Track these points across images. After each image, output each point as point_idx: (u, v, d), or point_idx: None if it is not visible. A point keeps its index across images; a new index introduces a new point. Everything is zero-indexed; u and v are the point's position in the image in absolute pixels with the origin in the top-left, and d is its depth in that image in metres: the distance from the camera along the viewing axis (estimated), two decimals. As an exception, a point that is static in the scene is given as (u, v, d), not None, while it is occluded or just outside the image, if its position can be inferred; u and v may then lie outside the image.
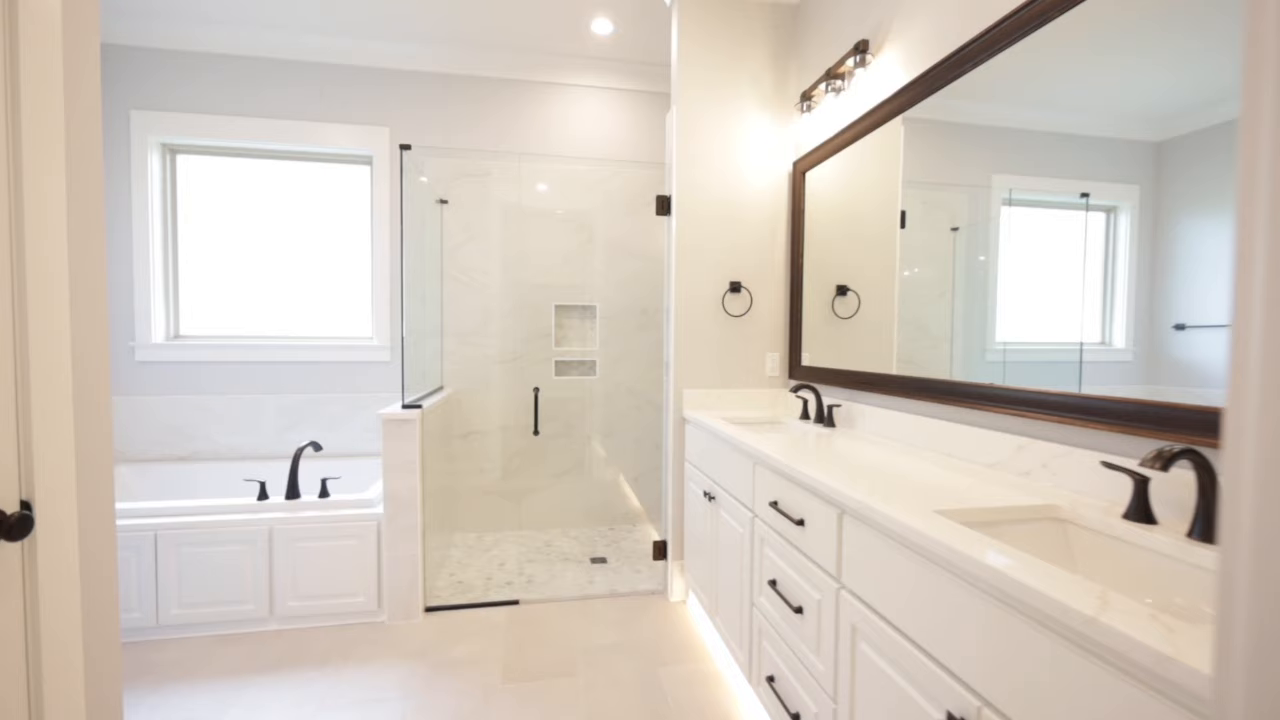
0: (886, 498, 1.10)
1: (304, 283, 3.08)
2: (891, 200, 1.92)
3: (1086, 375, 1.21)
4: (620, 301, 3.30)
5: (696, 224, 2.41)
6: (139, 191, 2.80)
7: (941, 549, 0.88)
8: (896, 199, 1.90)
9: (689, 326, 2.42)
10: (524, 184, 3.20)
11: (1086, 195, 1.26)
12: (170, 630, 2.10)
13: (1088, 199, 1.25)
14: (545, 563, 2.84)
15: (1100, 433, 1.15)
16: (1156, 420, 1.05)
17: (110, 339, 2.78)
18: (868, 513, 1.07)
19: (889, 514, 1.01)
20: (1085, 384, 1.21)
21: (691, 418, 2.30)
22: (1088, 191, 1.25)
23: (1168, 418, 1.03)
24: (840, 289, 2.26)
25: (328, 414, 3.01)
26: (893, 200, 1.91)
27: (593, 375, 3.30)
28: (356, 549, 2.19)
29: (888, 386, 1.85)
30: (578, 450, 3.31)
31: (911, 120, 1.80)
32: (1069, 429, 1.22)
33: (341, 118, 2.96)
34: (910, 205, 1.85)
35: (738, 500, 1.78)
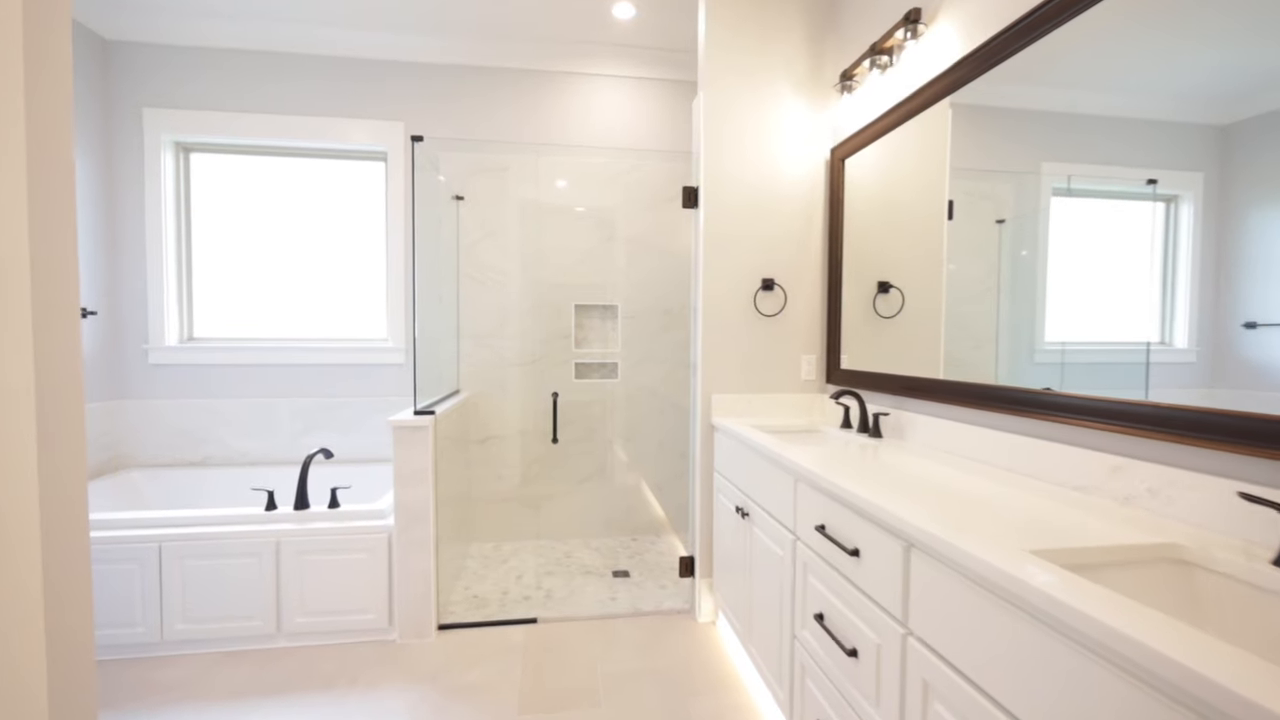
0: (962, 529, 0.92)
1: (318, 284, 2.99)
2: (937, 189, 1.75)
3: (1136, 377, 1.13)
4: (642, 301, 3.15)
5: (726, 217, 2.24)
6: (152, 191, 2.74)
7: (1046, 602, 0.70)
8: (943, 188, 1.73)
9: (718, 327, 2.25)
10: (542, 179, 3.07)
11: (1154, 182, 1.13)
12: (174, 646, 2.01)
13: (1155, 185, 1.13)
14: (565, 575, 2.70)
15: (1223, 455, 0.96)
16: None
17: (107, 344, 2.73)
18: (943, 549, 0.90)
19: (972, 553, 0.84)
20: (1147, 388, 1.11)
21: (721, 425, 2.13)
22: (1155, 178, 1.13)
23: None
24: (882, 286, 2.08)
25: (342, 418, 2.92)
26: (938, 189, 1.75)
27: (614, 378, 3.15)
28: (367, 563, 2.08)
29: (940, 393, 1.66)
30: (599, 456, 3.17)
31: (957, 105, 1.65)
32: (1179, 449, 1.02)
33: (355, 112, 2.87)
34: (954, 196, 1.69)
35: (776, 520, 1.61)
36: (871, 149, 2.07)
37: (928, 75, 1.72)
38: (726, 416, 2.22)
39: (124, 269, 2.75)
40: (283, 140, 2.84)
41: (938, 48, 1.68)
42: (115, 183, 2.73)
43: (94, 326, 2.64)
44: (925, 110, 1.77)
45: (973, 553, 0.84)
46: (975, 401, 1.52)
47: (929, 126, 1.77)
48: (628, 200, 3.12)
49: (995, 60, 1.47)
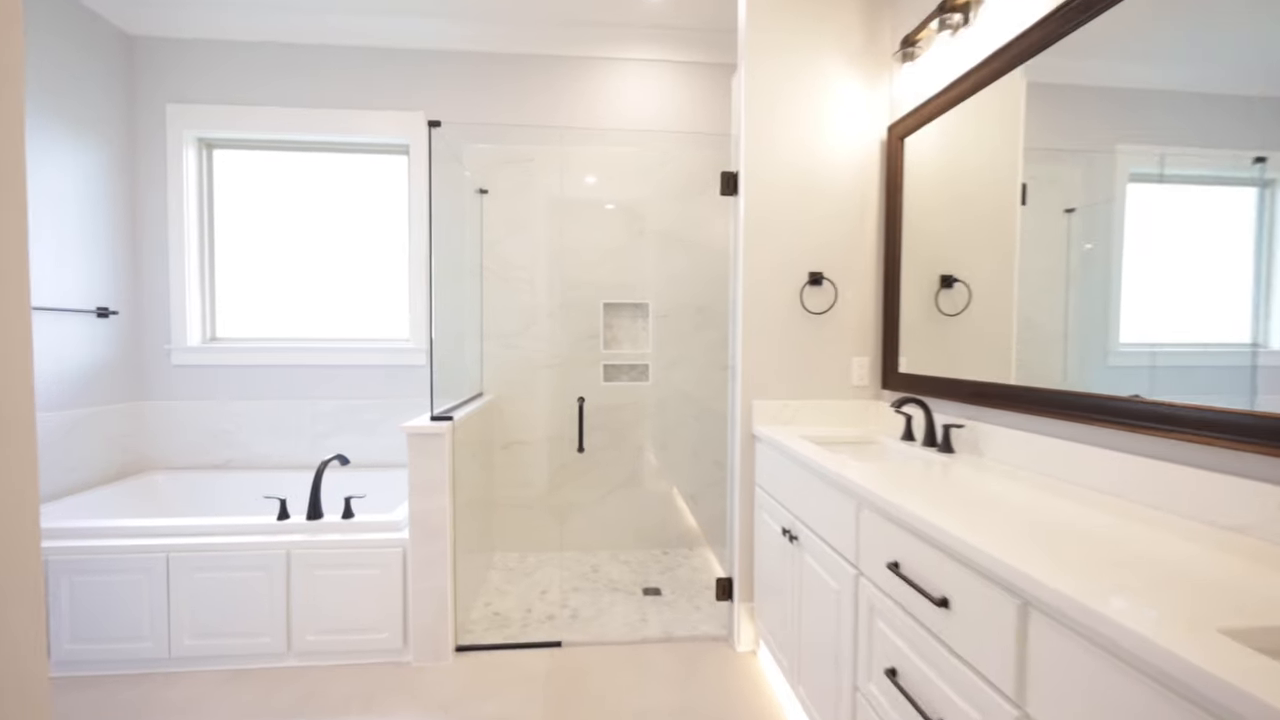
0: (1102, 587, 0.70)
1: (341, 282, 2.90)
2: (1008, 171, 1.54)
3: (1239, 383, 0.99)
4: (675, 299, 2.95)
5: (768, 204, 2.02)
6: (175, 189, 2.69)
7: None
8: (1015, 169, 1.52)
9: (759, 326, 2.04)
10: (570, 171, 2.91)
11: (1263, 160, 0.98)
12: (182, 663, 1.92)
13: (1263, 164, 0.98)
14: (592, 592, 2.53)
15: None
16: None
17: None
18: (1084, 617, 0.67)
19: (1137, 631, 0.61)
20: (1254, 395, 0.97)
21: (763, 434, 1.92)
22: (1264, 156, 0.98)
23: None
24: (945, 279, 1.84)
25: (363, 420, 2.81)
26: (1010, 171, 1.54)
27: (645, 381, 2.96)
28: (380, 579, 1.94)
29: (1019, 401, 1.42)
30: (628, 464, 2.99)
31: (1032, 79, 1.46)
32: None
33: (377, 104, 2.76)
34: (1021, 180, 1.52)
35: (833, 549, 1.39)
36: (935, 126, 1.83)
37: (1004, 37, 1.48)
38: (769, 425, 2.00)
39: (147, 268, 2.70)
40: (305, 134, 2.76)
41: (1017, 3, 1.44)
42: (139, 181, 2.68)
43: (116, 327, 2.59)
44: (998, 80, 1.55)
45: (1138, 631, 0.61)
46: (1065, 413, 1.28)
47: (1001, 99, 1.56)
48: (659, 192, 2.93)
49: (1080, 20, 1.27)
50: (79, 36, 2.42)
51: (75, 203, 2.40)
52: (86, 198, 2.45)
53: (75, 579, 1.86)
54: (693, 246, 2.94)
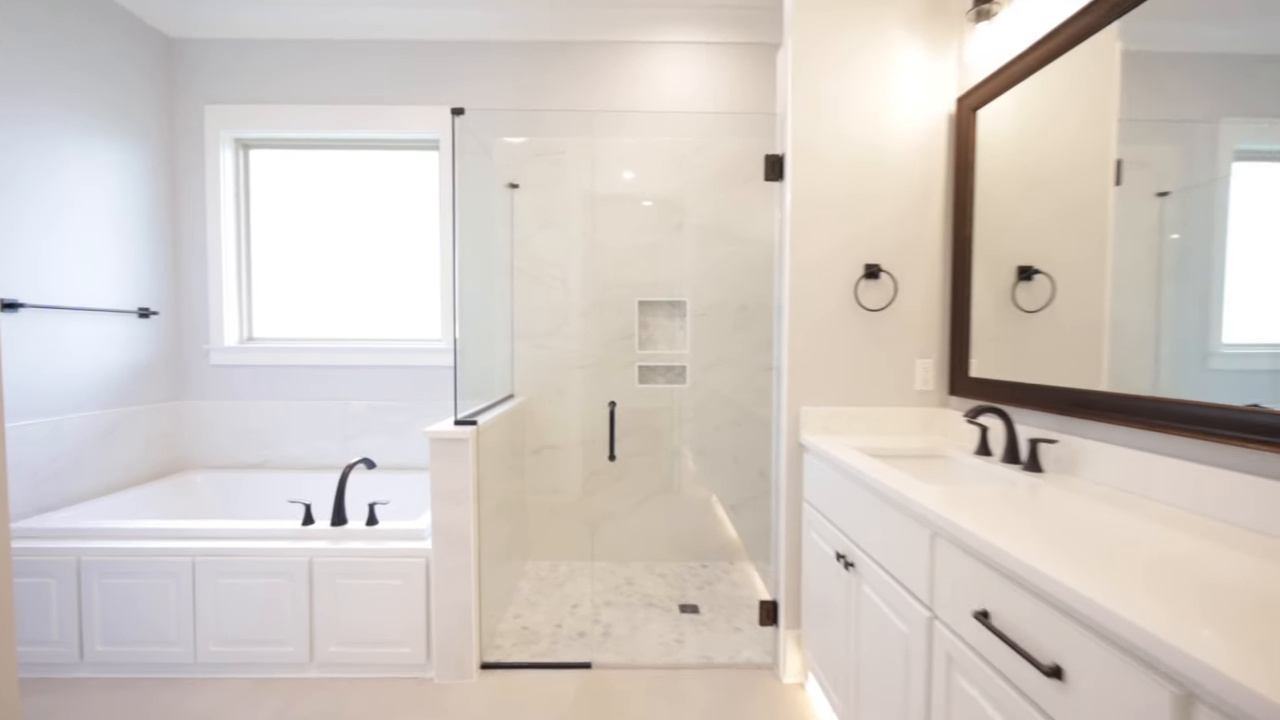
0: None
1: (374, 281, 2.86)
2: (1100, 145, 1.33)
3: None
4: (714, 296, 2.77)
5: (818, 189, 1.83)
6: (212, 189, 2.70)
7: None
8: (1108, 143, 1.31)
9: (808, 324, 1.85)
10: (602, 162, 2.77)
11: None
12: (208, 669, 1.88)
13: None
14: (625, 607, 2.38)
15: None
16: None
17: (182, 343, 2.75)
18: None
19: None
20: None
21: (812, 445, 1.73)
22: None
23: None
24: (1023, 271, 1.62)
25: (394, 422, 2.76)
26: (1102, 145, 1.32)
27: (682, 383, 2.80)
28: (402, 590, 1.86)
29: (1123, 412, 1.19)
30: (664, 471, 2.83)
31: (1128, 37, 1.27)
32: None
33: (407, 99, 2.70)
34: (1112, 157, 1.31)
35: (900, 584, 1.19)
36: (1013, 95, 1.61)
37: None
38: (819, 434, 1.81)
39: (187, 269, 2.73)
40: (338, 132, 2.73)
41: (1136, -69, 1.20)
42: (179, 182, 2.71)
43: (157, 327, 2.62)
44: (1091, 36, 1.33)
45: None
46: (1183, 427, 1.06)
47: (1093, 60, 1.34)
48: (697, 182, 2.76)
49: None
50: (122, 41, 2.45)
51: (118, 205, 2.43)
52: (128, 200, 2.48)
53: (106, 581, 1.85)
54: (733, 240, 2.76)
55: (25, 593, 1.85)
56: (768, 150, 1.96)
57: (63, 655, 1.86)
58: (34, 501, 2.09)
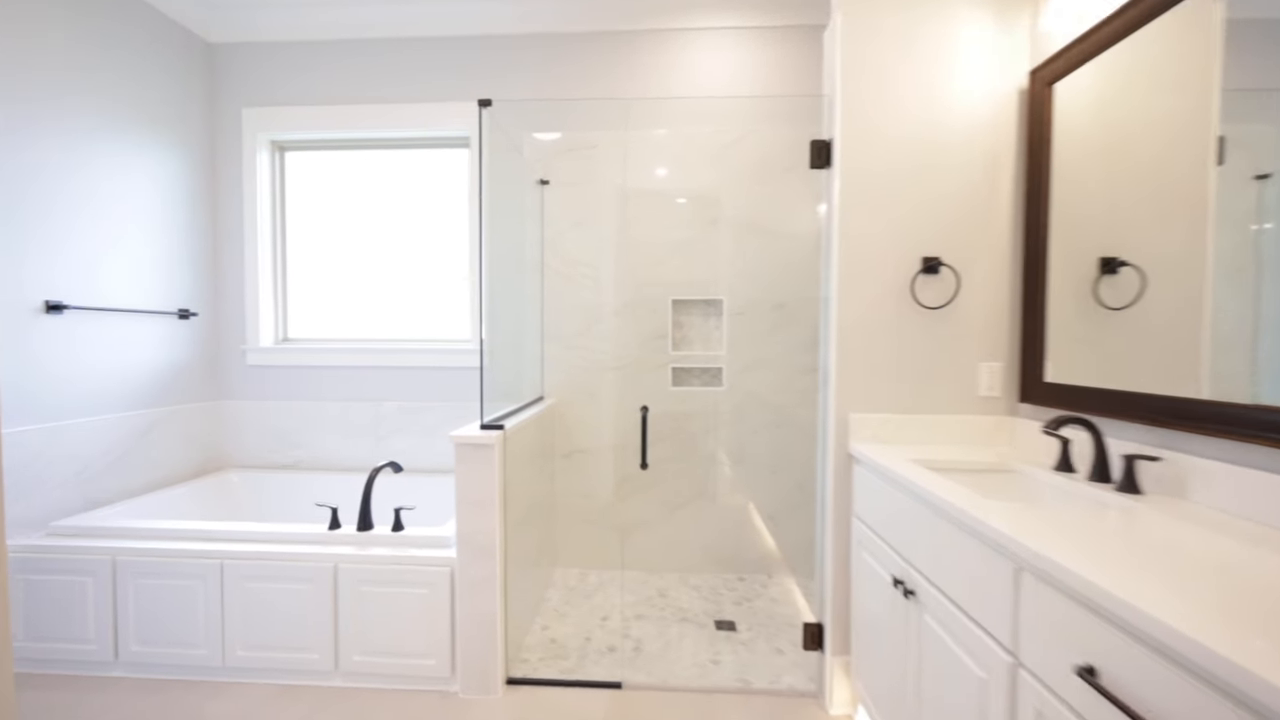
0: None
1: (406, 281, 2.84)
2: (1200, 121, 1.16)
3: None
4: (751, 294, 2.63)
5: (870, 176, 1.67)
6: (249, 191, 2.73)
7: None
8: (1208, 117, 1.14)
9: (858, 323, 1.69)
10: (635, 156, 2.67)
11: None
12: (234, 673, 1.86)
13: None
14: (658, 621, 2.27)
15: None
16: None
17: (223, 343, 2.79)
18: None
19: None
20: None
21: (862, 455, 1.58)
22: None
23: None
24: (1107, 264, 1.44)
25: (423, 423, 2.73)
26: (1202, 121, 1.15)
27: (717, 385, 2.67)
28: (427, 600, 1.79)
29: (1241, 425, 1.01)
30: (698, 478, 2.70)
31: None
32: None
33: (437, 96, 2.66)
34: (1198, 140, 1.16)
35: (974, 622, 1.04)
36: (1096, 65, 1.43)
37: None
38: (870, 443, 1.65)
39: (225, 270, 2.76)
40: (369, 131, 2.71)
41: None
42: (218, 185, 2.74)
43: (196, 328, 2.66)
44: None
45: None
46: None
47: (1189, 27, 1.18)
48: (734, 175, 2.62)
49: None
50: (165, 48, 2.49)
51: (160, 208, 2.47)
52: (170, 203, 2.52)
53: (139, 581, 1.85)
54: (772, 235, 2.61)
55: (63, 590, 1.87)
56: (812, 137, 1.81)
57: (98, 654, 1.87)
58: (79, 499, 2.13)
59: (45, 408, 2.02)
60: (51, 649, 1.88)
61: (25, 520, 1.95)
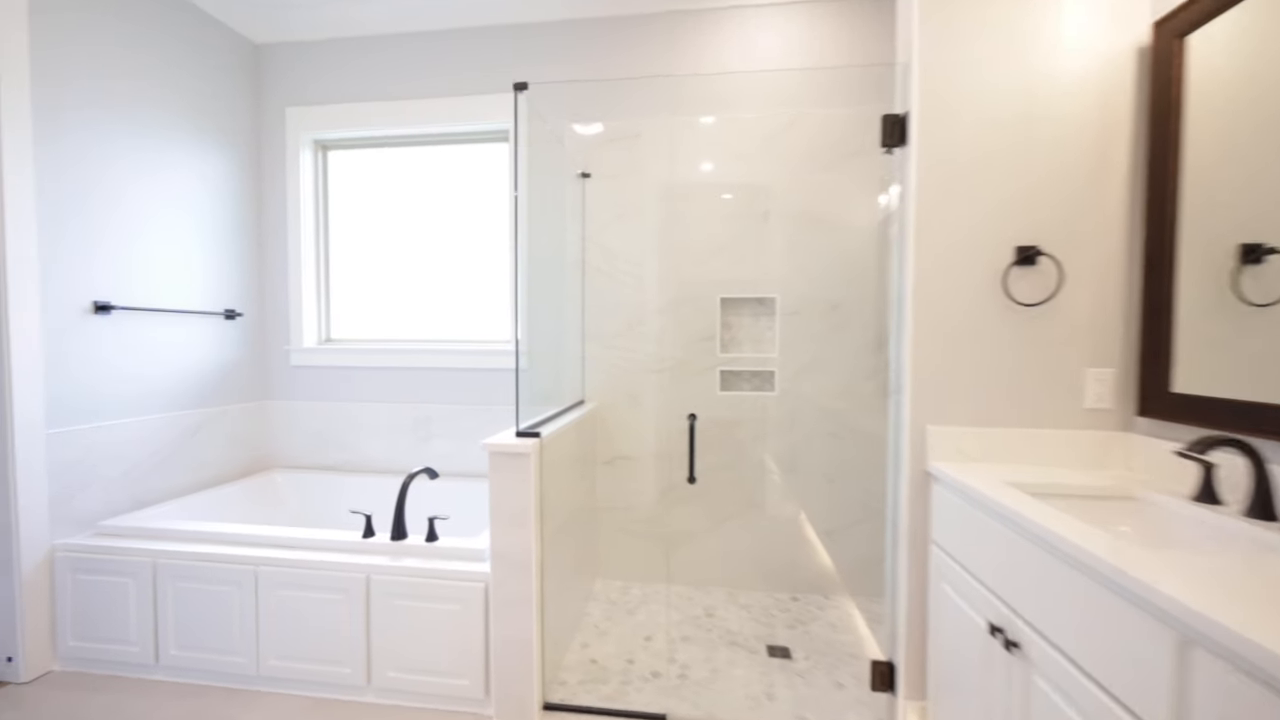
0: None
1: (444, 281, 2.78)
2: None
3: None
4: (806, 291, 2.43)
5: (954, 153, 1.46)
6: (293, 192, 2.73)
7: None
8: None
9: (937, 323, 1.48)
10: (682, 144, 2.51)
11: None
12: (269, 682, 1.82)
13: None
14: (705, 644, 2.11)
15: None
16: None
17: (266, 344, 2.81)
18: None
19: None
20: None
21: (944, 475, 1.37)
22: None
23: None
24: (1249, 251, 1.19)
25: (462, 426, 2.66)
26: None
27: (769, 390, 2.48)
28: (460, 617, 1.69)
29: None
30: (748, 489, 2.52)
31: None
32: None
33: (477, 88, 2.58)
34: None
35: (1110, 695, 0.83)
36: (1242, 10, 1.18)
37: None
38: (953, 461, 1.44)
39: (270, 271, 2.77)
40: (409, 127, 2.66)
41: None
42: (263, 186, 2.76)
43: (242, 328, 2.67)
44: None
45: None
46: None
47: None
48: (788, 163, 2.43)
49: None
50: (214, 50, 2.51)
51: (207, 209, 2.49)
52: (217, 204, 2.54)
53: (178, 585, 1.83)
54: (830, 227, 2.40)
55: (108, 591, 1.87)
56: (882, 113, 1.61)
57: (139, 656, 1.87)
58: (127, 498, 2.15)
59: (94, 407, 2.04)
60: (98, 649, 1.89)
61: (75, 519, 1.97)
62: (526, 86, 1.72)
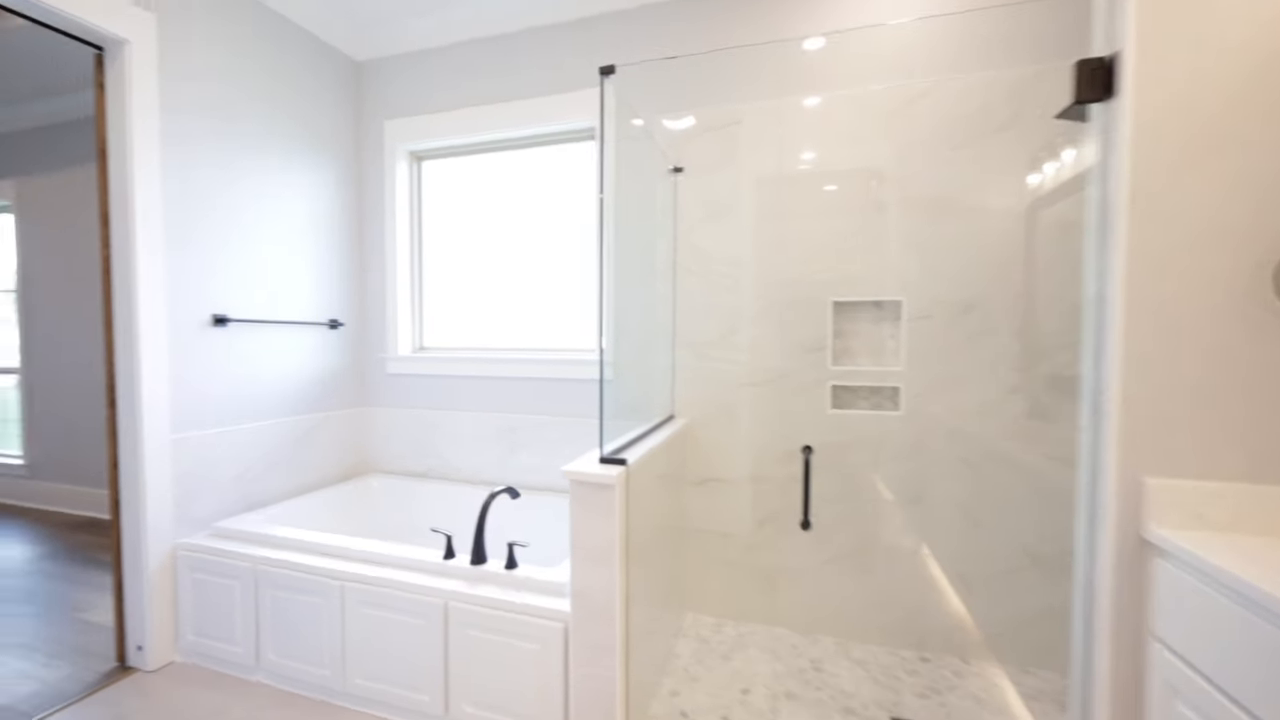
0: None
1: (534, 288, 2.69)
2: None
3: None
4: (937, 292, 2.03)
5: (1196, 102, 1.06)
6: (390, 203, 2.77)
7: None
8: None
9: (1166, 337, 1.09)
10: (789, 127, 2.21)
11: None
12: (354, 700, 1.78)
13: None
14: (814, 704, 1.80)
15: None
16: None
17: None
18: None
19: None
20: None
21: (1177, 549, 0.99)
22: None
23: None
24: None
25: (548, 439, 2.55)
26: None
27: (893, 409, 2.11)
28: (539, 657, 1.54)
29: None
30: (863, 522, 2.16)
31: None
32: None
33: (563, 86, 2.46)
34: None
35: None
36: None
37: None
38: (1188, 529, 1.04)
39: (369, 281, 2.84)
40: (499, 132, 2.60)
41: None
42: (364, 199, 2.83)
43: (344, 337, 2.75)
44: None
45: None
46: None
47: None
48: (915, 142, 2.04)
49: None
50: (319, 70, 2.60)
51: (315, 223, 2.58)
52: (323, 218, 2.63)
53: (275, 593, 1.86)
54: (965, 216, 1.99)
55: (217, 591, 1.94)
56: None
57: (242, 657, 1.92)
58: (240, 500, 2.25)
59: (211, 414, 2.15)
60: (210, 646, 1.97)
61: (194, 519, 2.08)
62: (614, 70, 1.52)
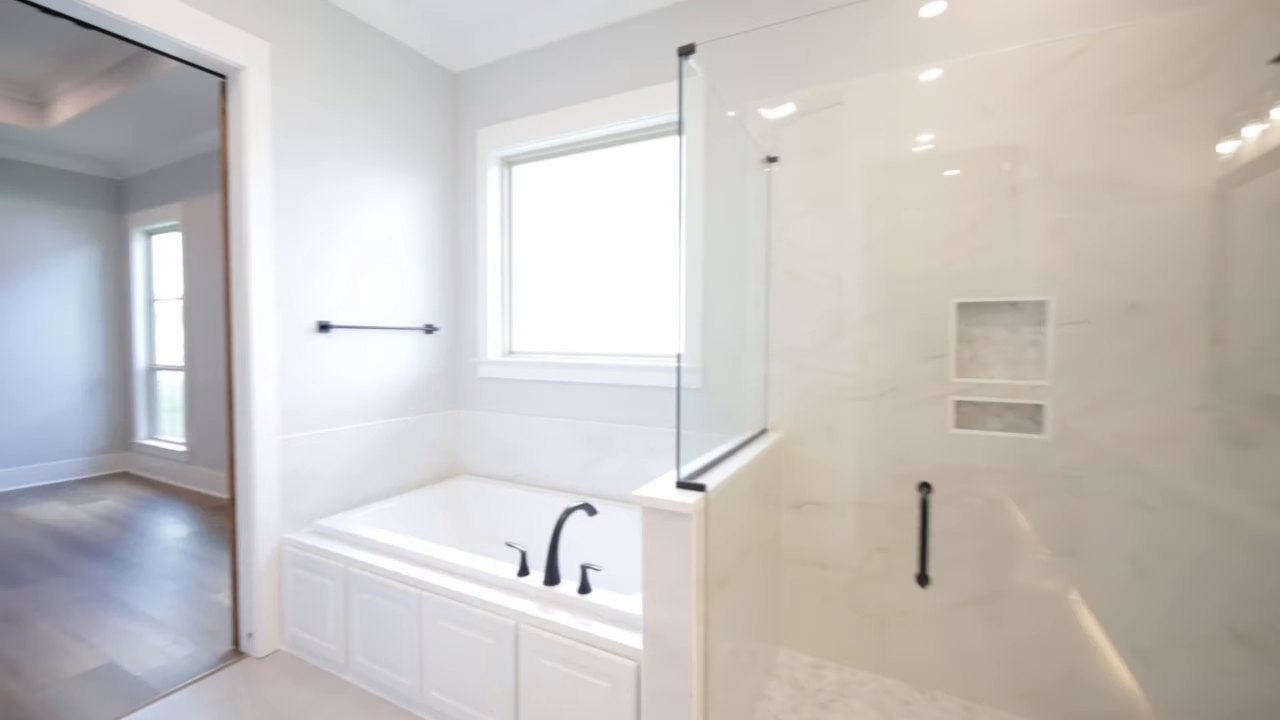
0: None
1: (619, 291, 2.60)
2: None
3: None
4: (1095, 291, 1.65)
5: None
6: (482, 209, 2.82)
7: None
8: None
9: None
10: (900, 102, 1.93)
11: None
12: (431, 712, 1.77)
13: None
14: (930, 783, 1.52)
15: None
16: None
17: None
18: None
19: None
20: None
21: None
22: None
23: None
24: None
25: (631, 448, 2.44)
26: None
27: (1035, 432, 1.75)
28: (610, 696, 1.42)
29: None
30: (996, 566, 1.82)
31: None
32: None
33: (648, 79, 2.35)
34: None
35: None
36: None
37: None
38: None
39: (462, 286, 2.91)
40: (585, 132, 2.54)
41: None
42: (459, 205, 2.90)
43: (439, 342, 2.84)
44: None
45: None
46: None
47: None
48: (1061, 112, 1.68)
49: None
50: (422, 83, 2.70)
51: (413, 232, 2.68)
52: (422, 226, 2.72)
53: (363, 596, 1.90)
54: (1131, 197, 1.59)
55: (315, 588, 2.03)
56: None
57: (334, 654, 1.99)
58: (341, 498, 2.37)
59: (315, 415, 2.28)
60: (308, 640, 2.07)
61: (299, 516, 2.21)
62: (693, 50, 1.37)
